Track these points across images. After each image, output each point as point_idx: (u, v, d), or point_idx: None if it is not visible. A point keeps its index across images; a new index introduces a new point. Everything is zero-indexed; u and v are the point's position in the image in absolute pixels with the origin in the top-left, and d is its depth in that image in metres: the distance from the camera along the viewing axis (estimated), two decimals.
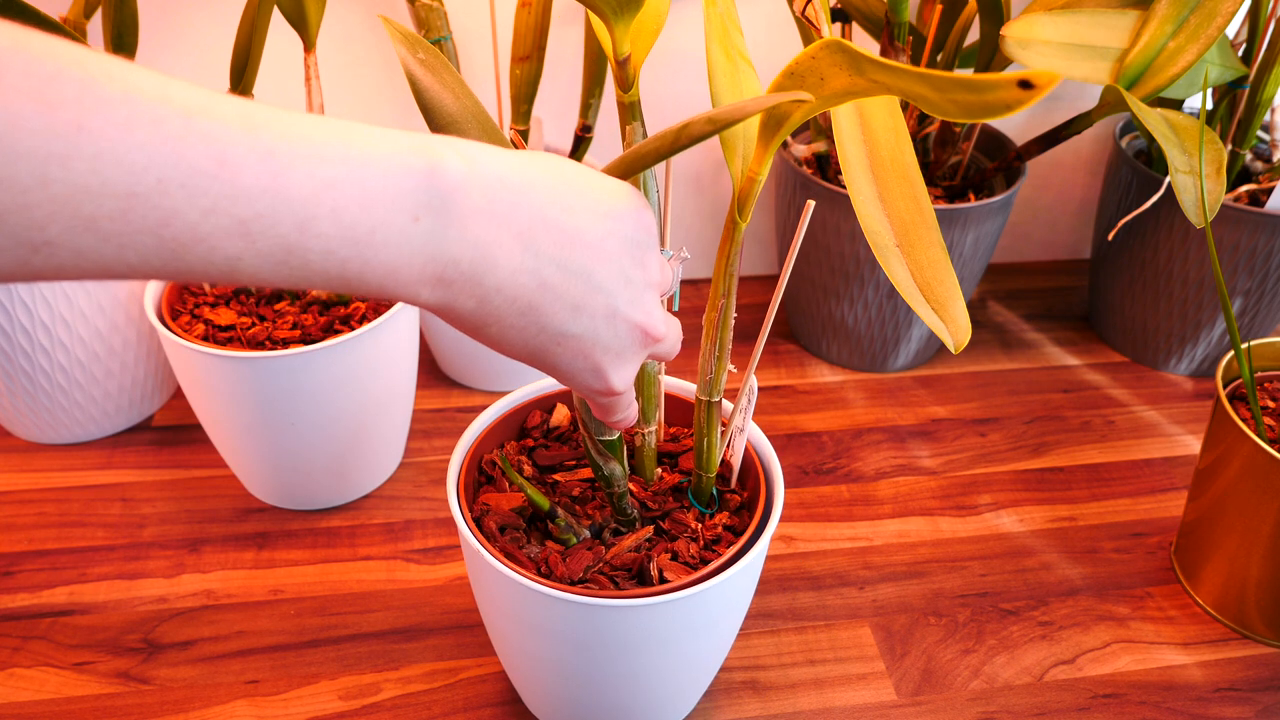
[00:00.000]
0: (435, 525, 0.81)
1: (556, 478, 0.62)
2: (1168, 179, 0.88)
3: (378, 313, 0.77)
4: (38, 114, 0.26)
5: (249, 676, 0.69)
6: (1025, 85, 0.30)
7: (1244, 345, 0.73)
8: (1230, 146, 0.91)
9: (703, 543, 0.58)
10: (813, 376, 1.00)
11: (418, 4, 0.78)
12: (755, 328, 1.03)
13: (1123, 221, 0.89)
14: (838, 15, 0.90)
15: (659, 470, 0.63)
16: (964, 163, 0.96)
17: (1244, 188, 0.91)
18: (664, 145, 0.40)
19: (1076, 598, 0.77)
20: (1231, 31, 0.97)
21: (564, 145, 0.92)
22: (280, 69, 0.90)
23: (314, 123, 0.32)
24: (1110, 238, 0.97)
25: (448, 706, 0.68)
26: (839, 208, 0.88)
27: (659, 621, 0.53)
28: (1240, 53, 0.89)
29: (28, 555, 0.77)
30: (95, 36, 0.81)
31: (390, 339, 0.76)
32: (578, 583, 0.55)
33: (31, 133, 0.25)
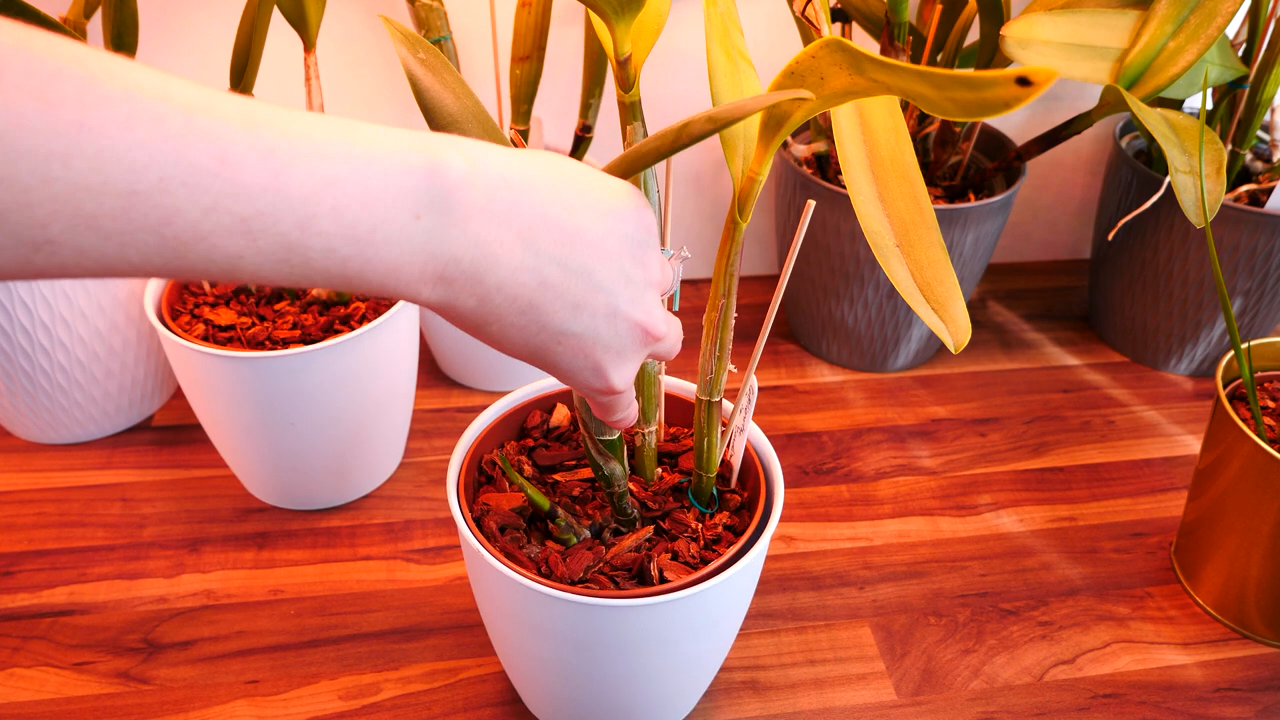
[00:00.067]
0: (435, 525, 0.81)
1: (557, 478, 0.62)
2: (1168, 179, 0.88)
3: (378, 313, 0.77)
4: (39, 112, 0.25)
5: (249, 676, 0.69)
6: (1023, 82, 0.30)
7: (1244, 345, 0.73)
8: (1230, 146, 0.91)
9: (703, 543, 0.58)
10: (813, 376, 1.00)
11: (418, 4, 0.78)
12: (755, 328, 1.03)
13: (1123, 221, 0.89)
14: (838, 15, 0.90)
15: (659, 470, 0.63)
16: (964, 163, 0.96)
17: (1244, 188, 0.91)
18: (665, 144, 0.40)
19: (1076, 598, 0.77)
20: (1231, 31, 0.97)
21: (564, 145, 0.92)
22: (280, 69, 0.90)
23: (314, 121, 0.31)
24: (1110, 238, 0.97)
25: (448, 706, 0.68)
26: (839, 208, 0.88)
27: (659, 621, 0.53)
28: (1240, 53, 0.89)
29: (28, 555, 0.77)
30: (95, 36, 0.81)
31: (390, 339, 0.76)
32: (578, 583, 0.55)
33: (33, 131, 0.25)
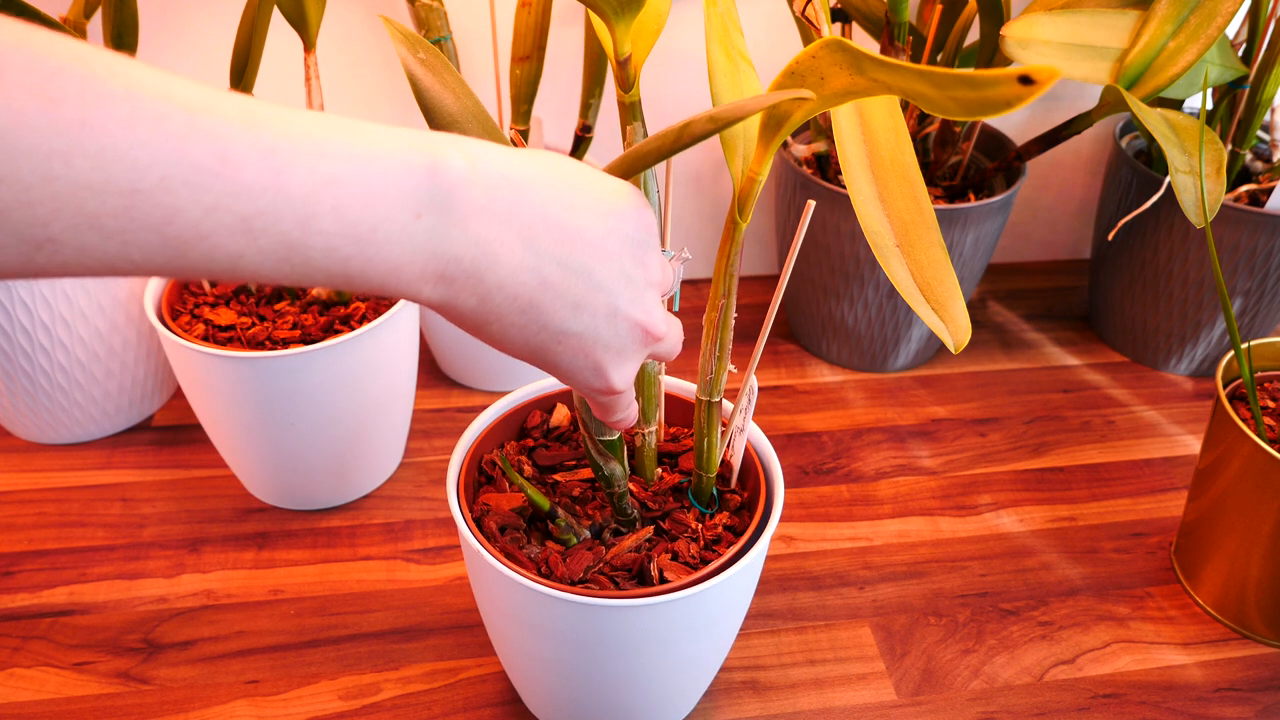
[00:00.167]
0: (435, 525, 0.81)
1: (556, 478, 0.62)
2: (1168, 179, 0.88)
3: (378, 313, 0.77)
4: (40, 110, 0.25)
5: (249, 676, 0.69)
6: (1025, 81, 0.30)
7: (1244, 345, 0.73)
8: (1230, 146, 0.91)
9: (703, 543, 0.58)
10: (813, 376, 1.00)
11: (418, 4, 0.78)
12: (755, 328, 1.03)
13: (1123, 221, 0.89)
14: (838, 15, 0.90)
15: (659, 470, 0.63)
16: (964, 163, 0.96)
17: (1244, 188, 0.91)
18: (665, 144, 0.40)
19: (1076, 598, 0.77)
20: (1231, 31, 0.97)
21: (564, 145, 0.92)
22: (280, 69, 0.90)
23: (315, 120, 0.31)
24: (1110, 238, 0.97)
25: (448, 706, 0.68)
26: (839, 208, 0.88)
27: (659, 621, 0.53)
28: (1240, 53, 0.89)
29: (28, 555, 0.77)
30: (95, 36, 0.81)
31: (390, 339, 0.76)
32: (578, 583, 0.55)
33: (34, 129, 0.25)
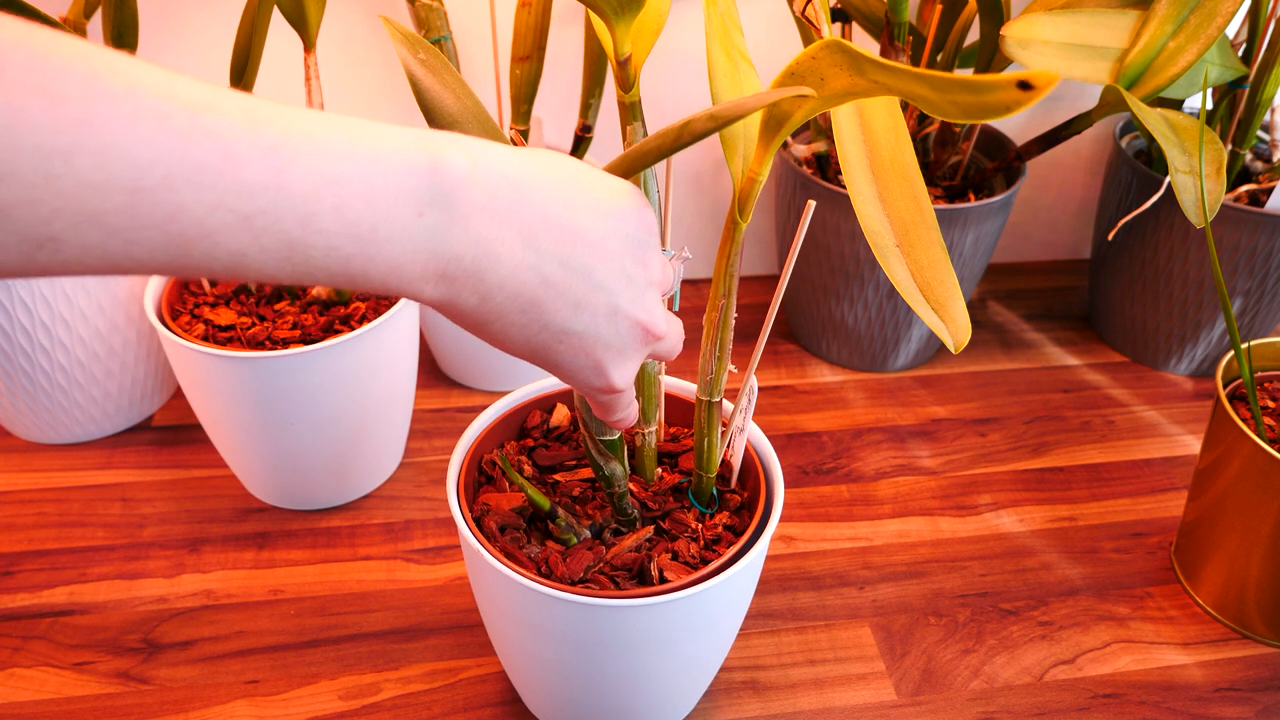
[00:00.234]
0: (435, 525, 0.81)
1: (557, 478, 0.62)
2: (1168, 179, 0.88)
3: (378, 313, 0.77)
4: (43, 108, 0.25)
5: (249, 676, 0.69)
6: (1025, 86, 0.30)
7: (1244, 345, 0.73)
8: (1230, 146, 0.91)
9: (703, 542, 0.58)
10: (813, 376, 1.00)
11: (418, 4, 0.78)
12: (755, 328, 1.03)
13: (1123, 221, 0.89)
14: (838, 15, 0.90)
15: (659, 470, 0.63)
16: (964, 163, 0.96)
17: (1244, 188, 0.91)
18: (666, 143, 0.40)
19: (1076, 598, 0.77)
20: (1231, 31, 0.97)
21: (564, 145, 0.92)
22: (280, 69, 0.90)
23: (317, 119, 0.31)
24: (1110, 238, 0.97)
25: (448, 706, 0.68)
26: (839, 208, 0.88)
27: (660, 621, 0.53)
28: (1240, 53, 0.89)
29: (28, 555, 0.77)
30: (95, 36, 0.81)
31: (390, 339, 0.76)
32: (578, 582, 0.55)
33: (36, 128, 0.25)
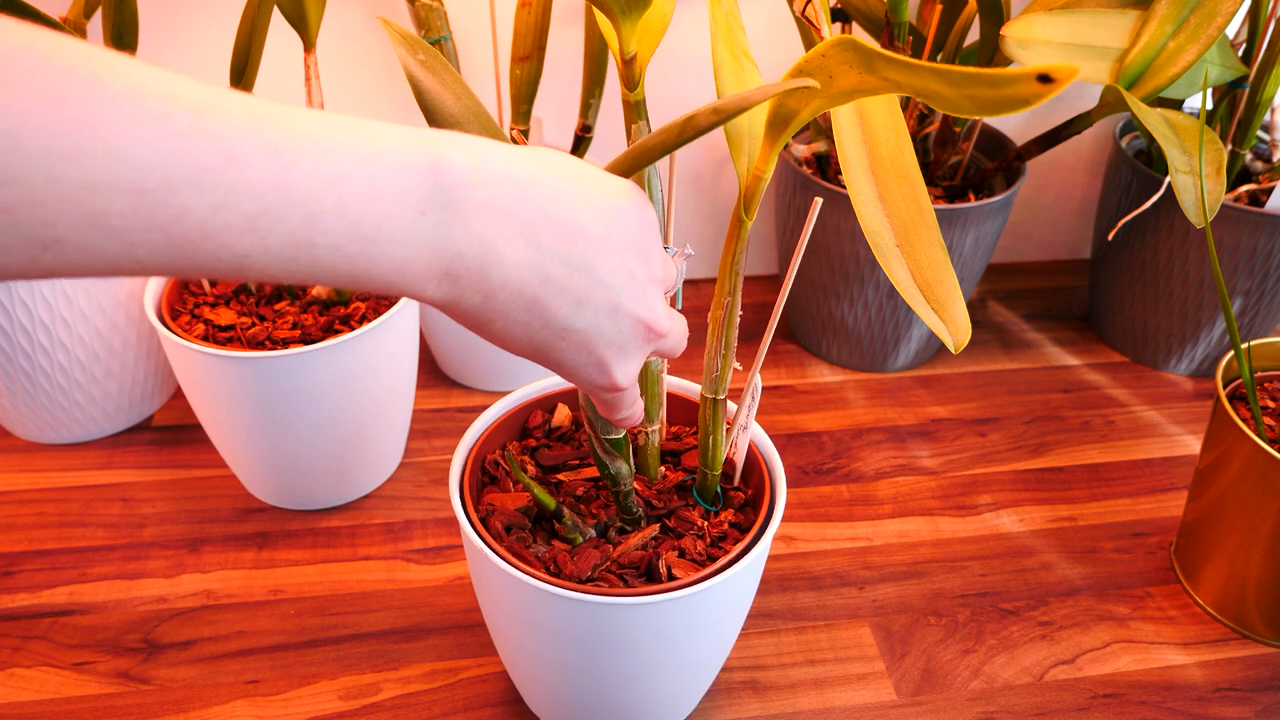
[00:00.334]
0: (435, 525, 0.81)
1: (560, 477, 0.62)
2: (1168, 179, 0.88)
3: (378, 313, 0.77)
4: (45, 111, 0.25)
5: (249, 676, 0.69)
6: (1045, 79, 0.30)
7: (1244, 345, 0.73)
8: (1230, 146, 0.91)
9: (709, 540, 0.58)
10: (813, 376, 1.00)
11: (418, 4, 0.78)
12: (756, 327, 1.03)
13: (1123, 221, 0.89)
14: (837, 15, 0.90)
15: (663, 469, 0.63)
16: (964, 163, 0.96)
17: (1244, 188, 0.91)
18: (669, 138, 0.40)
19: (1076, 598, 0.77)
20: (1231, 31, 0.97)
21: (564, 145, 0.92)
22: (280, 69, 0.90)
23: (318, 119, 0.31)
24: (1110, 238, 0.97)
25: (448, 706, 0.67)
26: (839, 208, 0.88)
27: (669, 619, 0.53)
28: (1240, 53, 0.89)
29: (28, 555, 0.77)
30: (95, 36, 0.81)
31: (390, 339, 0.76)
32: (587, 581, 0.55)
33: (39, 130, 0.25)
